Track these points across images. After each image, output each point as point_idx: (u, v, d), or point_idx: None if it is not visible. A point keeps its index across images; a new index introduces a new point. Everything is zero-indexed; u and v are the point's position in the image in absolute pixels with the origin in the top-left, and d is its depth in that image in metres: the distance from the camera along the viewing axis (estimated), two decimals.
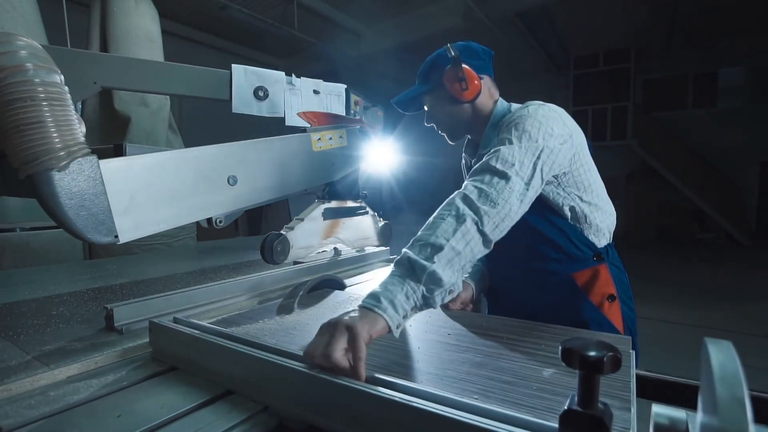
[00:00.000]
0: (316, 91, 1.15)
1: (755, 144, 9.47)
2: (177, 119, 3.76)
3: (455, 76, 1.00)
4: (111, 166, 0.70)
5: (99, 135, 2.97)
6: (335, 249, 1.36)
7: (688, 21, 8.41)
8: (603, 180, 1.02)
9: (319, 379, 0.52)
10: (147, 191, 0.76)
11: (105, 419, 0.54)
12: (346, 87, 1.24)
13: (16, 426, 0.52)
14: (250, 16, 7.40)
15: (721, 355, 0.34)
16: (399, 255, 0.70)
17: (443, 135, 1.13)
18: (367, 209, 1.34)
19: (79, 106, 2.77)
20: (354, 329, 0.56)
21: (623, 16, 8.14)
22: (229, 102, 1.01)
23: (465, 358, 0.68)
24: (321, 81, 1.16)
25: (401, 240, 1.06)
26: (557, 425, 0.38)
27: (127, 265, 1.70)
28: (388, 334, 0.61)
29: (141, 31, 3.09)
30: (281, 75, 1.08)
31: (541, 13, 8.06)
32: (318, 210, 1.17)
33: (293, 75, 1.10)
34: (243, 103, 1.03)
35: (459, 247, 0.68)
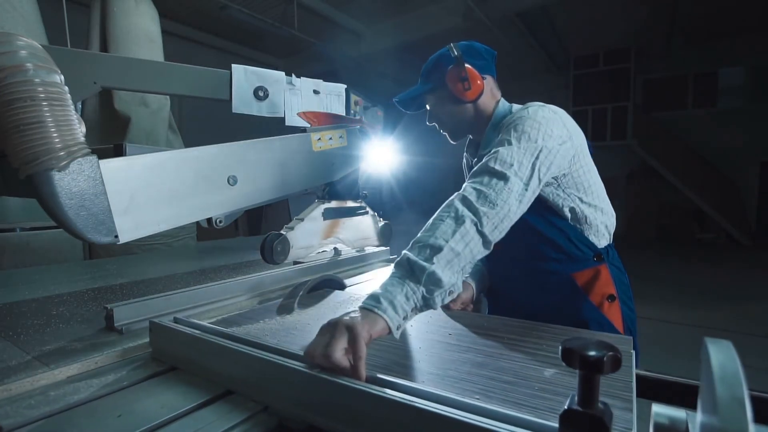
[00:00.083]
0: (316, 91, 1.15)
1: (755, 144, 9.47)
2: (177, 119, 3.76)
3: (458, 75, 1.00)
4: (111, 166, 0.70)
5: (99, 135, 2.97)
6: (335, 249, 1.36)
7: (688, 21, 8.41)
8: (603, 180, 1.02)
9: (320, 379, 0.52)
10: (147, 191, 0.76)
11: (105, 419, 0.54)
12: (346, 87, 1.24)
13: (16, 426, 0.52)
14: (250, 16, 7.40)
15: (721, 355, 0.34)
16: (399, 255, 0.70)
17: (445, 134, 1.13)
18: (367, 209, 1.34)
19: (79, 106, 2.77)
20: (354, 329, 0.56)
21: (623, 16, 8.14)
22: (229, 102, 1.01)
23: (466, 358, 0.68)
24: (321, 81, 1.16)
25: (401, 240, 1.06)
26: (557, 425, 0.38)
27: (127, 265, 1.70)
28: (388, 335, 0.61)
29: (141, 31, 3.09)
30: (281, 75, 1.08)
31: (541, 13, 8.06)
32: (318, 210, 1.17)
33: (293, 75, 1.10)
34: (243, 103, 1.03)
35: (458, 248, 0.68)
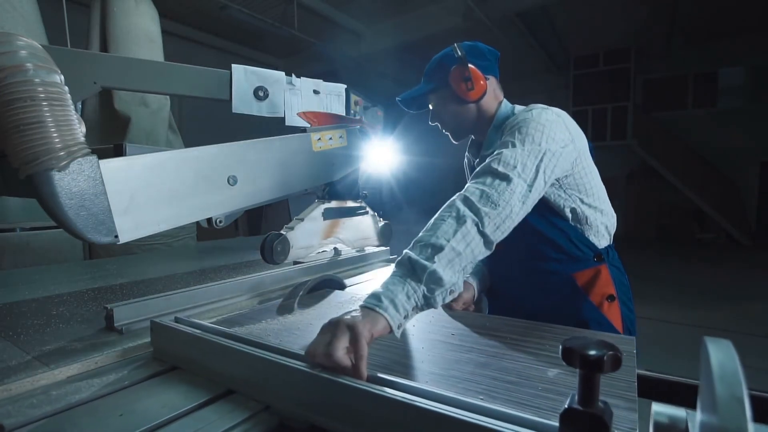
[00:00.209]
0: (316, 91, 1.15)
1: (755, 144, 9.47)
2: (177, 119, 3.76)
3: (461, 75, 1.00)
4: (111, 166, 0.70)
5: (99, 135, 2.97)
6: (335, 249, 1.36)
7: (688, 21, 8.41)
8: (603, 180, 1.03)
9: (321, 379, 0.52)
10: (147, 191, 0.76)
11: (107, 418, 0.54)
12: (346, 87, 1.24)
13: (18, 425, 0.52)
14: (250, 16, 7.40)
15: (721, 354, 0.35)
16: (399, 255, 0.70)
17: (447, 134, 1.13)
18: (367, 209, 1.34)
19: (79, 106, 2.77)
20: (355, 328, 0.56)
21: (623, 16, 8.14)
22: (229, 102, 1.01)
23: (469, 358, 0.68)
24: (321, 81, 1.16)
25: (401, 240, 1.06)
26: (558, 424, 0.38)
27: (127, 265, 1.70)
28: (389, 333, 0.61)
29: (141, 31, 3.09)
30: (281, 75, 1.08)
31: (541, 13, 8.06)
32: (318, 210, 1.17)
33: (293, 75, 1.10)
34: (243, 103, 1.03)
35: (459, 248, 0.68)
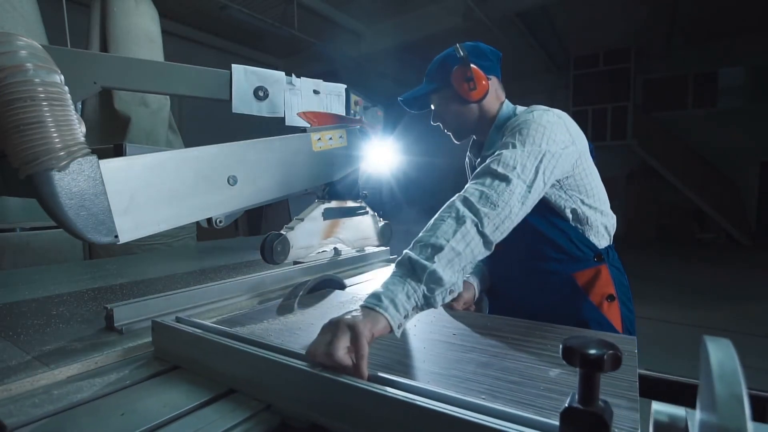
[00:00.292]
0: (316, 91, 1.15)
1: (755, 144, 9.46)
2: (177, 119, 3.76)
3: (463, 76, 1.00)
4: (111, 166, 0.70)
5: (99, 135, 2.97)
6: (335, 249, 1.36)
7: (688, 21, 8.41)
8: (603, 180, 1.03)
9: (322, 378, 0.52)
10: (147, 191, 0.76)
11: (108, 418, 0.54)
12: (346, 87, 1.24)
13: (20, 424, 0.52)
14: (250, 16, 7.40)
15: (720, 353, 0.35)
16: (399, 255, 0.70)
17: (449, 134, 1.13)
18: (367, 209, 1.35)
19: (79, 106, 2.77)
20: (356, 328, 0.56)
21: (623, 16, 8.14)
22: (229, 102, 1.01)
23: (470, 358, 0.68)
24: (321, 81, 1.16)
25: (401, 240, 1.06)
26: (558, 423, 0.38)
27: (127, 265, 1.70)
28: (389, 333, 0.61)
29: (141, 31, 3.09)
30: (281, 75, 1.08)
31: (541, 13, 8.06)
32: (318, 210, 1.17)
33: (293, 75, 1.10)
34: (243, 103, 1.03)
35: (459, 248, 0.69)
